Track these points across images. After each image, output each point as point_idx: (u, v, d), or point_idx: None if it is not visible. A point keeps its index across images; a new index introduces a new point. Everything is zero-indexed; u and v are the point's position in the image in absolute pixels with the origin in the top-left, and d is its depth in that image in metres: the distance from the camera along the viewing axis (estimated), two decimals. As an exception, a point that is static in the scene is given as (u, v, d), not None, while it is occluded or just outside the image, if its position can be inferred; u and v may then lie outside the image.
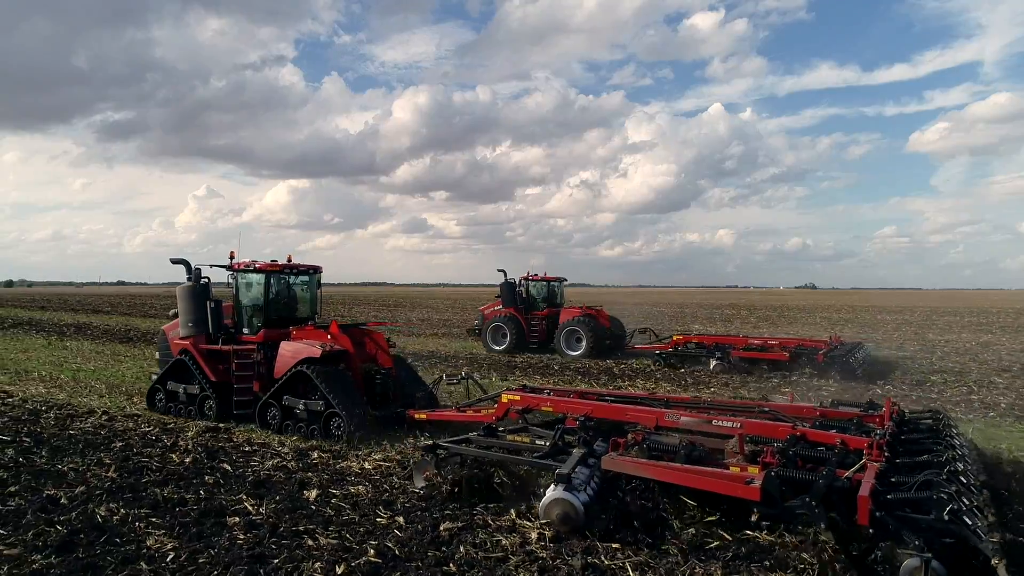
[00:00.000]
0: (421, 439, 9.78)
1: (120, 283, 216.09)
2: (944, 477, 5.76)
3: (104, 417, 11.38)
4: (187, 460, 8.76)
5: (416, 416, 10.59)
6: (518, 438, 8.18)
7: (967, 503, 5.58)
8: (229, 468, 8.44)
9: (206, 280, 11.71)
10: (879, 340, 28.19)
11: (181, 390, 11.78)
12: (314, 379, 10.25)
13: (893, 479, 5.96)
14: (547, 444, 7.49)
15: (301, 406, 10.43)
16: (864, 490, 5.38)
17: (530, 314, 24.04)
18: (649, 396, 10.44)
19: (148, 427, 10.76)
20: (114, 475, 8.05)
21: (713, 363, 18.58)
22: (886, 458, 6.32)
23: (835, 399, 10.17)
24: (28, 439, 9.70)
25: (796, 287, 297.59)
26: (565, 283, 25.82)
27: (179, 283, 11.85)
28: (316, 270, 12.45)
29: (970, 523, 5.17)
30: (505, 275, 24.08)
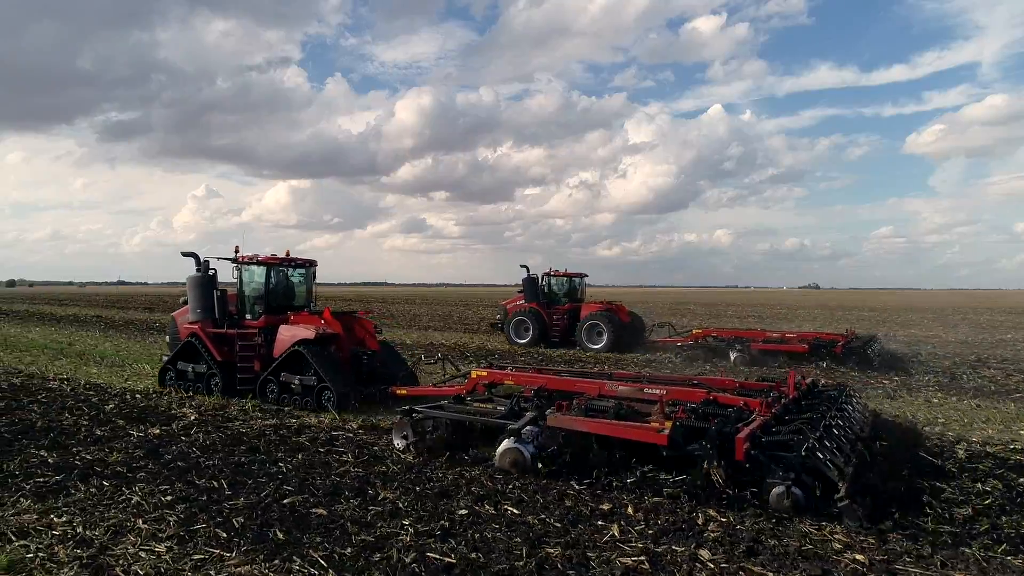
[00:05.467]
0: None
1: (120, 283, 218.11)
2: (811, 427, 7.16)
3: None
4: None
5: (398, 392, 11.90)
6: (482, 405, 9.54)
7: (828, 445, 6.98)
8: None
9: (213, 271, 13.06)
10: (891, 336, 29.05)
11: (190, 369, 13.14)
12: (308, 358, 11.62)
13: (774, 429, 7.35)
14: (505, 409, 8.85)
15: (296, 381, 11.81)
16: (742, 434, 6.74)
17: (552, 309, 24.57)
18: (597, 371, 11.82)
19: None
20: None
21: (734, 355, 19.01)
22: (774, 415, 7.73)
23: (761, 375, 11.57)
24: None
25: (800, 287, 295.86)
26: (586, 279, 26.52)
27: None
28: (312, 264, 13.84)
29: (822, 457, 6.55)
30: (528, 271, 24.73)
